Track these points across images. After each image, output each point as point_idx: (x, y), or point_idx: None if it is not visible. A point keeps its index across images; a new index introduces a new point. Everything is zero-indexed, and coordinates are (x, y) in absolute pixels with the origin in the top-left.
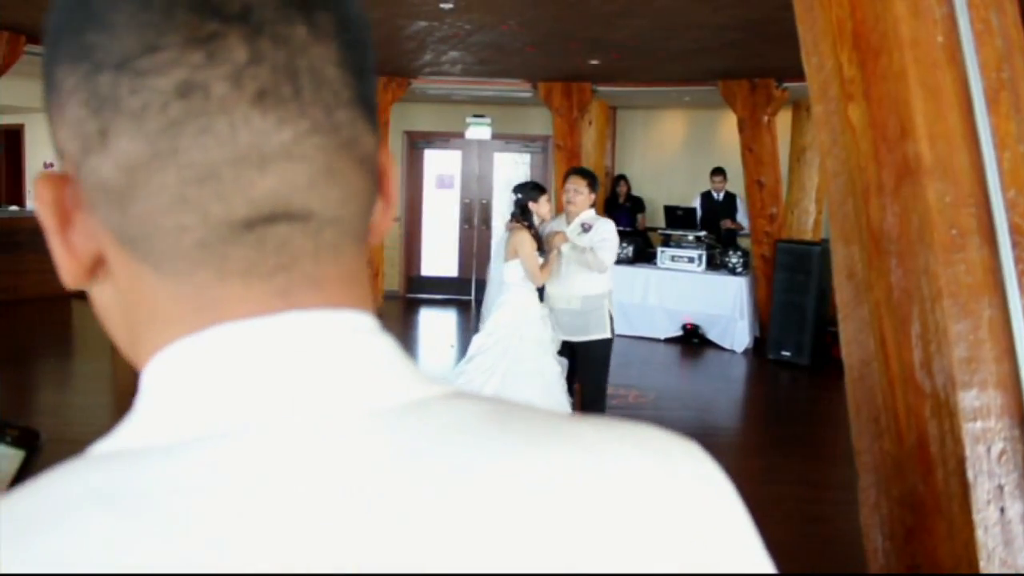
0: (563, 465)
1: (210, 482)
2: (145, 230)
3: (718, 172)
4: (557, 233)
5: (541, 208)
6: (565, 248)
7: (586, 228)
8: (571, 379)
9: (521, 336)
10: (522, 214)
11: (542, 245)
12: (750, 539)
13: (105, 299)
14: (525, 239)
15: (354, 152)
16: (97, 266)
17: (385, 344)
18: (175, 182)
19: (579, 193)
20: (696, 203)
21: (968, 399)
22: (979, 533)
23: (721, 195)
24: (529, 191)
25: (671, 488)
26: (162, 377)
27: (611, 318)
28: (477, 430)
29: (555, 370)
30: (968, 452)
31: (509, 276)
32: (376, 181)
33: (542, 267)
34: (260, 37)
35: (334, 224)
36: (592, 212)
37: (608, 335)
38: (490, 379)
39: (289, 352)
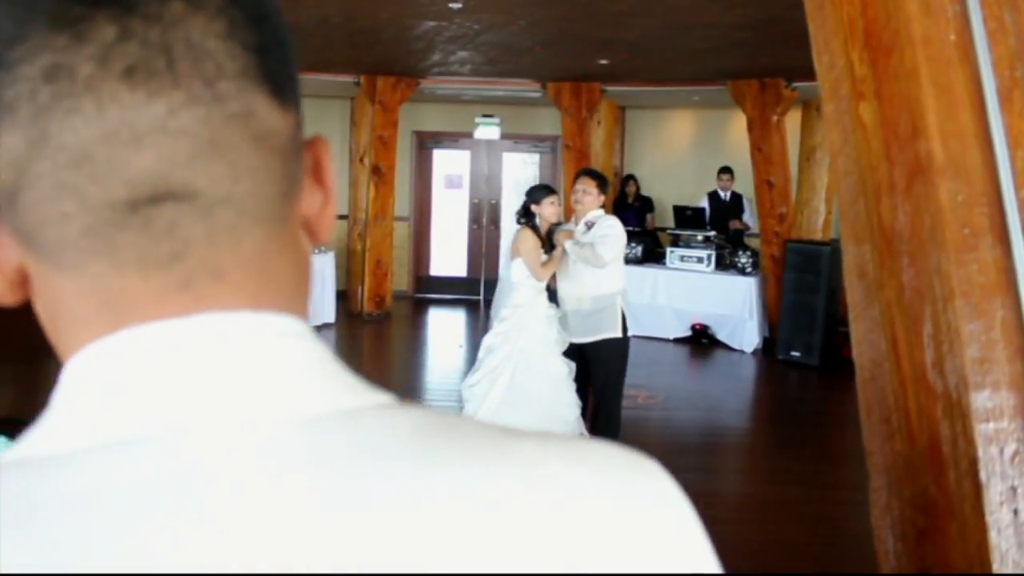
0: (495, 482)
1: (106, 493)
2: (34, 223)
3: (725, 171)
4: (563, 231)
5: (543, 209)
6: (568, 246)
7: (589, 225)
8: (582, 384)
9: (528, 335)
10: (525, 215)
11: (545, 244)
12: (703, 555)
13: (38, 311)
14: (526, 236)
15: (249, 127)
16: (24, 278)
17: (310, 349)
18: (50, 168)
19: (588, 194)
20: (704, 203)
21: (980, 400)
22: (992, 535)
23: (728, 195)
24: (532, 192)
25: (612, 504)
26: (74, 382)
27: (624, 318)
28: (405, 443)
29: (563, 369)
30: (981, 453)
31: (515, 275)
32: (292, 163)
33: (545, 264)
34: (130, 15)
35: (226, 204)
36: (600, 212)
37: (619, 334)
38: (498, 379)
39: (204, 359)
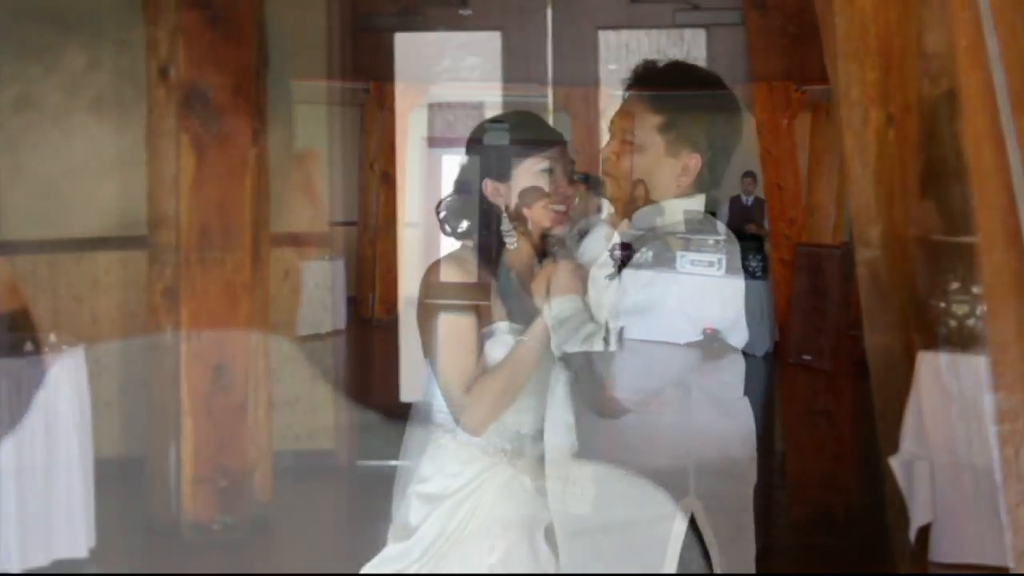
0: None
1: None
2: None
3: (748, 176)
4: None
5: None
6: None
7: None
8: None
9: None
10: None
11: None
12: None
13: None
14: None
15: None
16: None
17: None
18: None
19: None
20: (725, 206)
21: (995, 401)
22: (1008, 536)
23: (750, 199)
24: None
25: None
26: None
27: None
28: None
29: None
30: (996, 454)
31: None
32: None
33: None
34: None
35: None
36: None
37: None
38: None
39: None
